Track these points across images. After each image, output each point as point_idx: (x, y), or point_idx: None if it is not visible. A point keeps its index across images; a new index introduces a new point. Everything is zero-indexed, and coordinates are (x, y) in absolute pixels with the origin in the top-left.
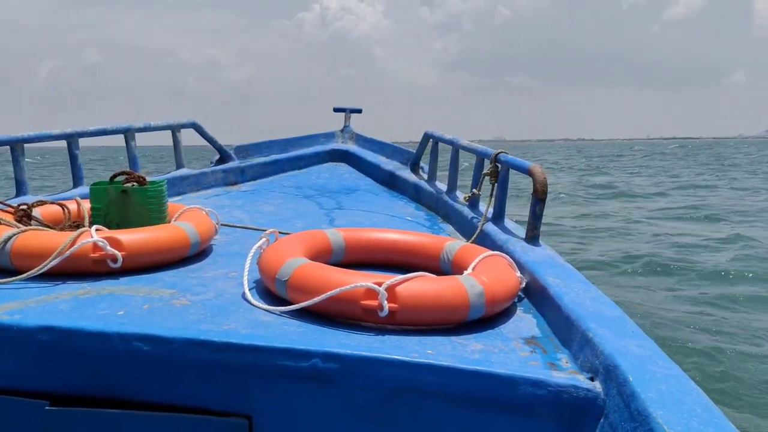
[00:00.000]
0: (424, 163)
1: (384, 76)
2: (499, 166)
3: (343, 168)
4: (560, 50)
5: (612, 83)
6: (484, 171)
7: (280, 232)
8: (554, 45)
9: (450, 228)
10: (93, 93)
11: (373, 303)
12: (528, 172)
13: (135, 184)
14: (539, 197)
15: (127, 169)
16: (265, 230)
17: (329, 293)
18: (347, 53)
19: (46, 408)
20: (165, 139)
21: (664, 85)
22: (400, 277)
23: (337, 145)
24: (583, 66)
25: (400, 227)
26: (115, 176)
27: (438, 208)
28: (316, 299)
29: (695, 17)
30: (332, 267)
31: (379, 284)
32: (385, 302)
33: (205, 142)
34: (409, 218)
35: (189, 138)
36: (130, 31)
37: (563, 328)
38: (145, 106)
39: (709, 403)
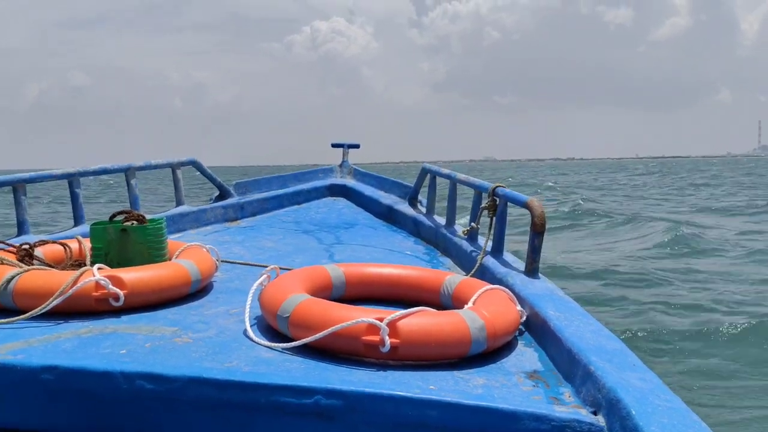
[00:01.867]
0: (423, 197)
1: (374, 97)
2: (497, 199)
3: (342, 203)
4: (548, 71)
5: (600, 103)
6: (482, 205)
7: (281, 268)
8: (542, 65)
9: (449, 262)
10: (80, 115)
11: (375, 338)
12: (525, 205)
13: (134, 222)
14: (537, 231)
15: (127, 208)
16: (265, 266)
17: (331, 329)
18: (337, 75)
19: None
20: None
21: (652, 104)
22: (401, 312)
23: (336, 179)
24: (572, 86)
25: (400, 261)
26: (114, 215)
27: (437, 241)
28: (318, 335)
29: (681, 38)
30: (334, 303)
31: (381, 320)
32: (387, 338)
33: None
34: (408, 252)
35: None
36: (116, 53)
37: (565, 361)
38: (133, 127)
39: None
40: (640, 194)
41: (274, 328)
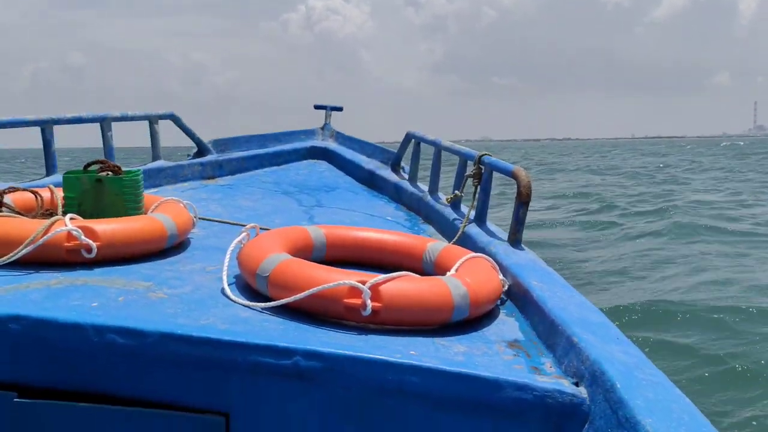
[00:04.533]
0: (405, 164)
1: (370, 77)
2: (483, 168)
3: (323, 165)
4: (545, 51)
5: (596, 83)
6: (468, 173)
7: (260, 228)
8: (540, 46)
9: (431, 229)
10: (76, 95)
11: (357, 301)
12: (512, 174)
13: (110, 173)
14: (523, 200)
15: (102, 158)
16: (244, 225)
17: (312, 290)
18: (333, 54)
19: (15, 400)
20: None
21: (648, 85)
22: (384, 276)
23: (317, 142)
24: (568, 66)
25: (381, 227)
26: (89, 165)
27: (419, 208)
28: (299, 296)
29: (678, 19)
30: (315, 264)
31: (363, 282)
32: (369, 301)
33: (179, 142)
34: (389, 218)
35: (166, 135)
36: (115, 34)
37: (547, 332)
38: (130, 109)
39: (696, 411)
40: None
41: (252, 287)
